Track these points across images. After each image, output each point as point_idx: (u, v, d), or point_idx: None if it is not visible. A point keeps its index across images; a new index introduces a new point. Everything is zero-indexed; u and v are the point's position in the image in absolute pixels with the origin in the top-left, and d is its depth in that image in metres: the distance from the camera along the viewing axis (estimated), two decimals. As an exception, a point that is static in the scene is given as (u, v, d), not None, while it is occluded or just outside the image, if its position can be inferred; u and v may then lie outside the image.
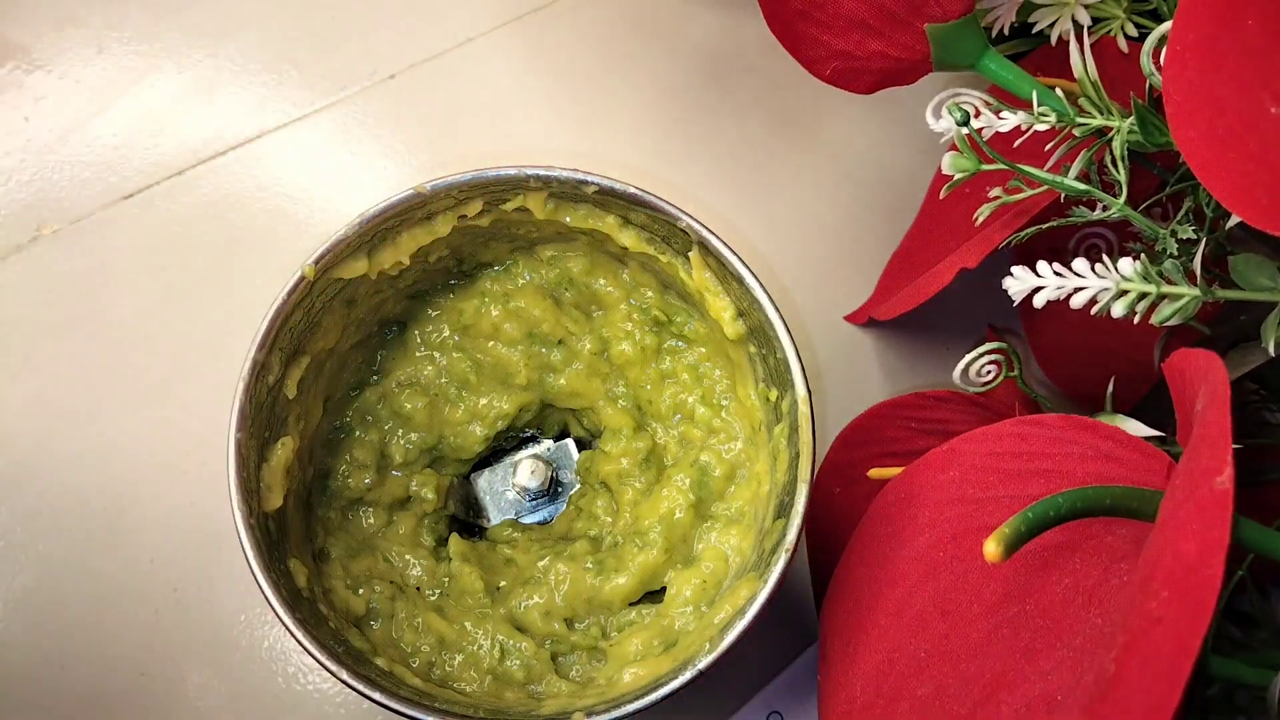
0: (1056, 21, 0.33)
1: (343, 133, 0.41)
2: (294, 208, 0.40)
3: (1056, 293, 0.26)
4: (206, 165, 0.40)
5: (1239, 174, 0.21)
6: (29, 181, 0.39)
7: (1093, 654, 0.20)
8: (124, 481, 0.36)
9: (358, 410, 0.34)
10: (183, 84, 0.41)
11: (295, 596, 0.28)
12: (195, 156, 0.40)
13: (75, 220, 0.39)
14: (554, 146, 0.42)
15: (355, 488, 0.32)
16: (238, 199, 0.40)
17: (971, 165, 0.28)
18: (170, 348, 0.38)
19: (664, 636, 0.31)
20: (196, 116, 0.40)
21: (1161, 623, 0.16)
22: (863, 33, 0.30)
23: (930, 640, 0.24)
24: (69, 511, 0.35)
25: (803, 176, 0.42)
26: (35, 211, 0.39)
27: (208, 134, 0.40)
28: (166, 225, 0.39)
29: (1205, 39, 0.22)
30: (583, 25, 0.43)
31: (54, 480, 0.36)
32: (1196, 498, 0.17)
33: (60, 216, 0.39)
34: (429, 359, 0.34)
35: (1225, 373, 0.20)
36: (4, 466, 0.36)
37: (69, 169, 0.39)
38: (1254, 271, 0.25)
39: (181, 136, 0.40)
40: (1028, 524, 0.20)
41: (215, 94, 0.41)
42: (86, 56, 0.41)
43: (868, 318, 0.39)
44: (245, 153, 0.40)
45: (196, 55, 0.41)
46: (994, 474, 0.25)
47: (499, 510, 0.36)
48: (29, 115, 0.40)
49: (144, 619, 0.35)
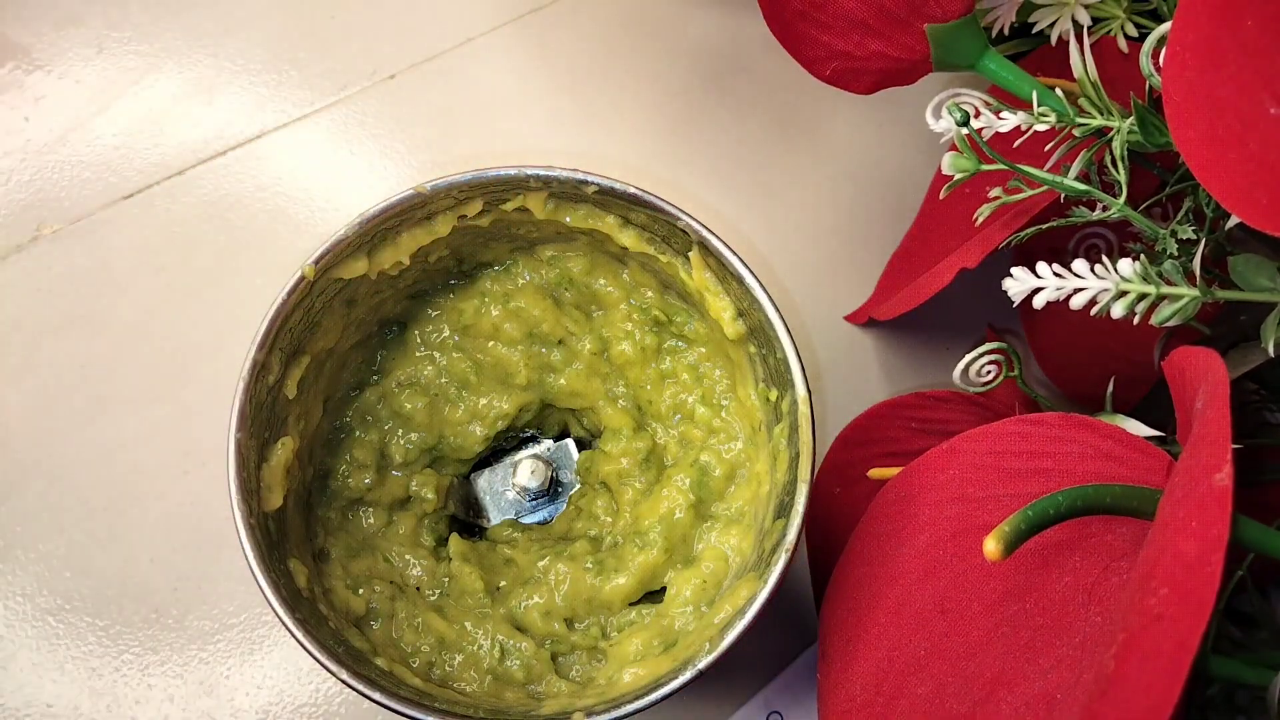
0: (1056, 21, 0.33)
1: (343, 133, 0.41)
2: (294, 208, 0.40)
3: (1056, 293, 0.26)
4: (206, 165, 0.40)
5: (1239, 174, 0.21)
6: (29, 181, 0.39)
7: (1093, 652, 0.20)
8: (124, 481, 0.36)
9: (358, 410, 0.34)
10: (183, 84, 0.41)
11: (295, 596, 0.28)
12: (195, 156, 0.40)
13: (75, 220, 0.39)
14: (554, 146, 0.42)
15: (355, 488, 0.32)
16: (238, 199, 0.40)
17: (971, 165, 0.28)
18: (170, 348, 0.38)
19: (664, 636, 0.31)
20: (196, 116, 0.40)
21: (1161, 620, 0.16)
22: (863, 33, 0.30)
23: (930, 638, 0.24)
24: (69, 511, 0.35)
25: (803, 176, 0.42)
26: (35, 211, 0.39)
27: (208, 134, 0.40)
28: (166, 225, 0.39)
29: (1205, 39, 0.22)
30: (583, 25, 0.43)
31: (54, 480, 0.36)
32: (1196, 495, 0.17)
33: (60, 216, 0.39)
34: (429, 359, 0.34)
35: (1225, 371, 0.20)
36: (4, 466, 0.36)
37: (69, 169, 0.39)
38: (1254, 272, 0.25)
39: (181, 136, 0.40)
40: (1027, 522, 0.20)
41: (215, 94, 0.41)
42: (86, 56, 0.41)
43: (868, 318, 0.39)
44: (245, 153, 0.40)
45: (196, 55, 0.41)
46: (994, 472, 0.25)
47: (499, 510, 0.36)
48: (29, 115, 0.40)
49: (144, 618, 0.35)
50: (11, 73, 0.40)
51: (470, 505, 0.36)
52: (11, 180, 0.39)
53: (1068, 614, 0.22)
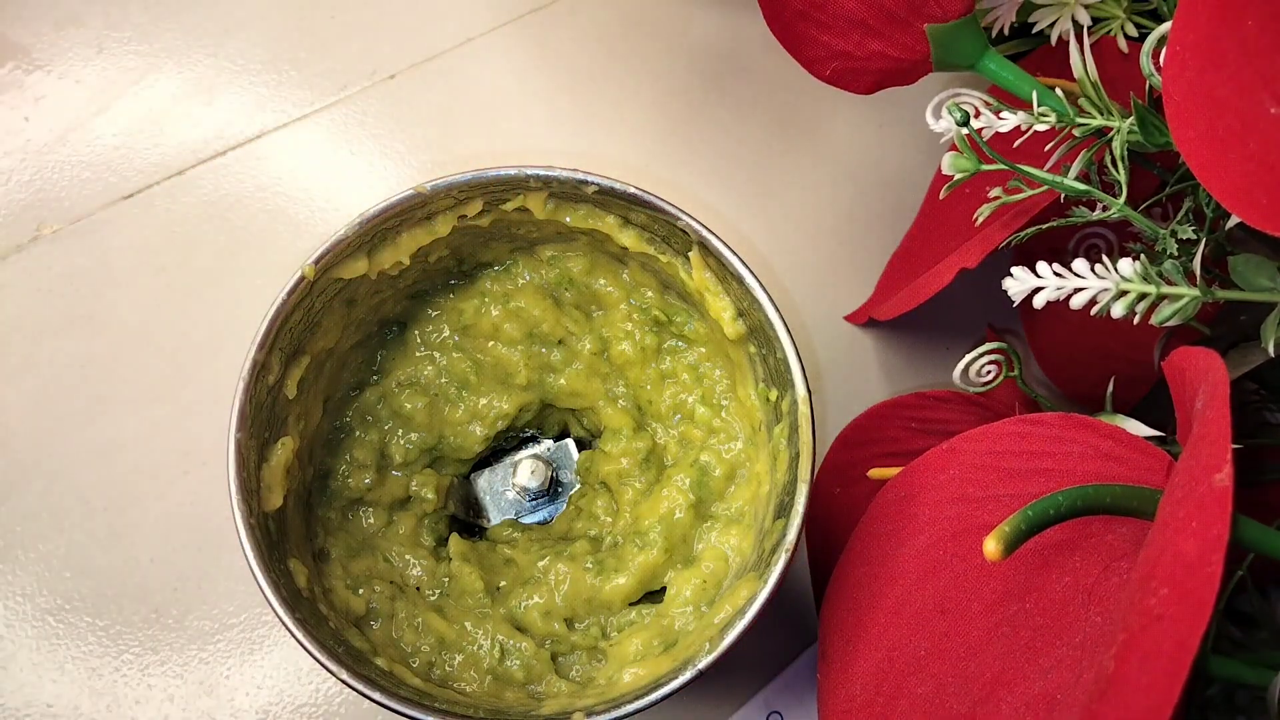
0: (1056, 21, 0.33)
1: (343, 133, 0.41)
2: (294, 208, 0.40)
3: (1056, 293, 0.26)
4: (206, 165, 0.40)
5: (1239, 174, 0.21)
6: (29, 181, 0.39)
7: (1092, 652, 0.20)
8: (124, 481, 0.36)
9: (358, 410, 0.34)
10: (183, 84, 0.41)
11: (295, 596, 0.28)
12: (195, 156, 0.40)
13: (75, 220, 0.39)
14: (554, 146, 0.42)
15: (355, 488, 0.32)
16: (238, 199, 0.40)
17: (971, 165, 0.28)
18: (170, 348, 0.38)
19: (664, 636, 0.31)
20: (196, 116, 0.40)
21: (1161, 620, 0.16)
22: (863, 33, 0.30)
23: (930, 638, 0.24)
24: (69, 511, 0.35)
25: (803, 176, 0.42)
26: (35, 211, 0.39)
27: (208, 134, 0.40)
28: (166, 225, 0.39)
29: (1205, 39, 0.22)
30: (583, 25, 0.43)
31: (54, 480, 0.36)
32: (1196, 495, 0.17)
33: (60, 216, 0.39)
34: (429, 359, 0.34)
35: (1225, 371, 0.20)
36: (4, 466, 0.36)
37: (69, 169, 0.39)
38: (1254, 271, 0.25)
39: (181, 136, 0.40)
40: (1027, 522, 0.20)
41: (215, 94, 0.41)
42: (86, 56, 0.41)
43: (868, 318, 0.39)
44: (245, 153, 0.40)
45: (196, 55, 0.41)
46: (994, 472, 0.25)
47: (499, 510, 0.36)
48: (29, 115, 0.40)
49: (144, 618, 0.35)
50: (11, 73, 0.40)
51: (470, 505, 0.36)
52: (11, 180, 0.39)
53: (1068, 614, 0.22)
